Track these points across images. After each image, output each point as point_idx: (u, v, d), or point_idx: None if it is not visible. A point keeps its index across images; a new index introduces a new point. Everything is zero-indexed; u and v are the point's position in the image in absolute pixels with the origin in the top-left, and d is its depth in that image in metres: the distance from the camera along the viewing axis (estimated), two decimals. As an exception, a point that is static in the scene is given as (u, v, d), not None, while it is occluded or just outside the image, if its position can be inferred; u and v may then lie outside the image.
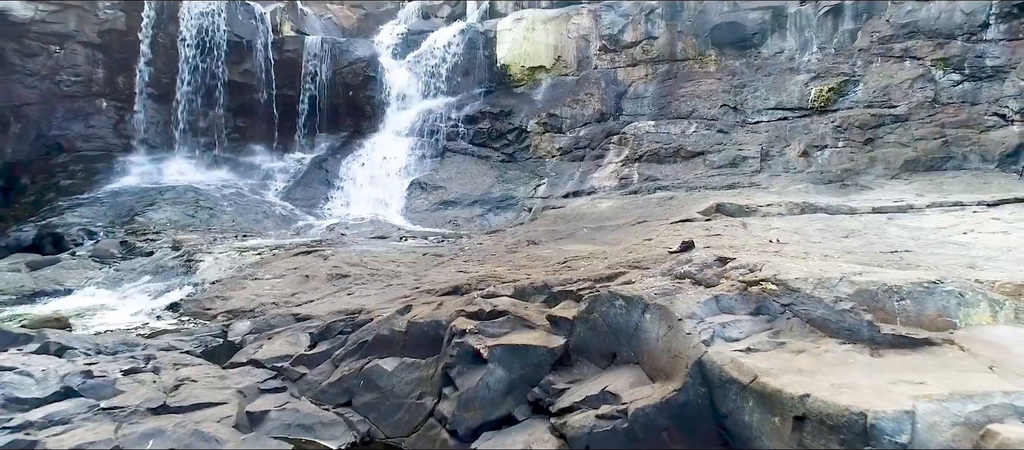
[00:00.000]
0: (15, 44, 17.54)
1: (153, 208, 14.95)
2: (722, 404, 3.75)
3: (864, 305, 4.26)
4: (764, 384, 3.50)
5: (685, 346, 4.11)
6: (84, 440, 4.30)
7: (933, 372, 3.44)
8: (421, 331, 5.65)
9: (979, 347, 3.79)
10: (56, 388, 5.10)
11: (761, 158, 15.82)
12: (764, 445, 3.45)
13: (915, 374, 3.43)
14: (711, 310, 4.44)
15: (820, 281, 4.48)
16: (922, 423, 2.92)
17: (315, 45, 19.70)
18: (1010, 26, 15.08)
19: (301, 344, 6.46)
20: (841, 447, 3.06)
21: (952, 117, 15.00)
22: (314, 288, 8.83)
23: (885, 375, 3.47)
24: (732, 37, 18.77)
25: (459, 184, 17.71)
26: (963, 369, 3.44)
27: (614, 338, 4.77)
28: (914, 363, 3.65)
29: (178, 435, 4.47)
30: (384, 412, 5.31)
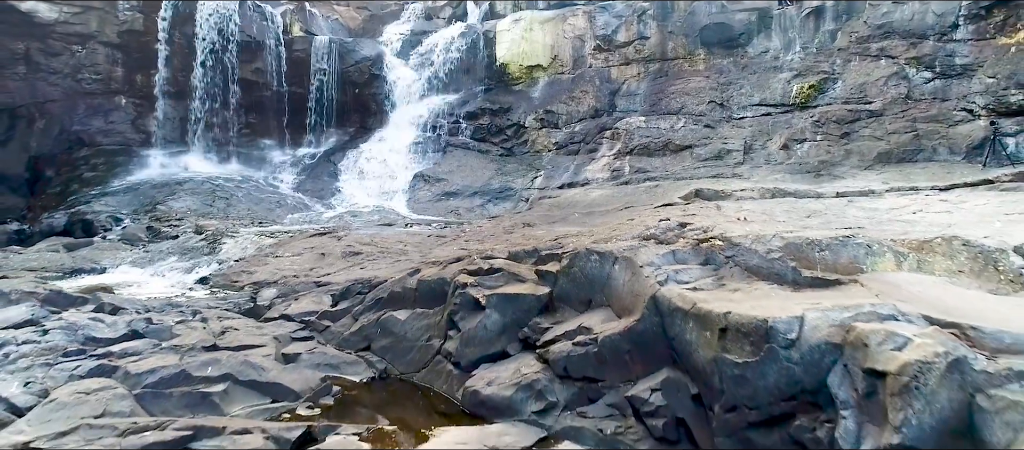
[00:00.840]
0: (40, 44, 18.53)
1: (173, 198, 15.93)
2: (670, 328, 4.74)
3: (790, 255, 5.25)
4: (700, 308, 4.49)
5: (644, 286, 5.10)
6: (156, 365, 5.29)
7: (830, 299, 4.42)
8: (429, 287, 6.64)
9: (876, 285, 4.77)
10: (124, 331, 6.09)
11: (744, 151, 16.80)
12: (699, 354, 4.44)
13: (816, 300, 4.41)
14: (668, 260, 5.43)
15: (757, 238, 5.46)
16: (807, 325, 3.91)
17: (323, 45, 20.68)
18: (977, 27, 16.05)
19: (324, 303, 7.45)
20: (751, 347, 4.05)
21: (923, 112, 15.97)
22: (330, 263, 9.80)
23: (794, 301, 4.45)
24: (720, 37, 19.74)
25: (460, 176, 18.68)
26: (853, 296, 4.42)
27: (590, 286, 5.75)
28: (820, 295, 4.64)
29: (231, 364, 5.46)
30: (398, 353, 6.30)
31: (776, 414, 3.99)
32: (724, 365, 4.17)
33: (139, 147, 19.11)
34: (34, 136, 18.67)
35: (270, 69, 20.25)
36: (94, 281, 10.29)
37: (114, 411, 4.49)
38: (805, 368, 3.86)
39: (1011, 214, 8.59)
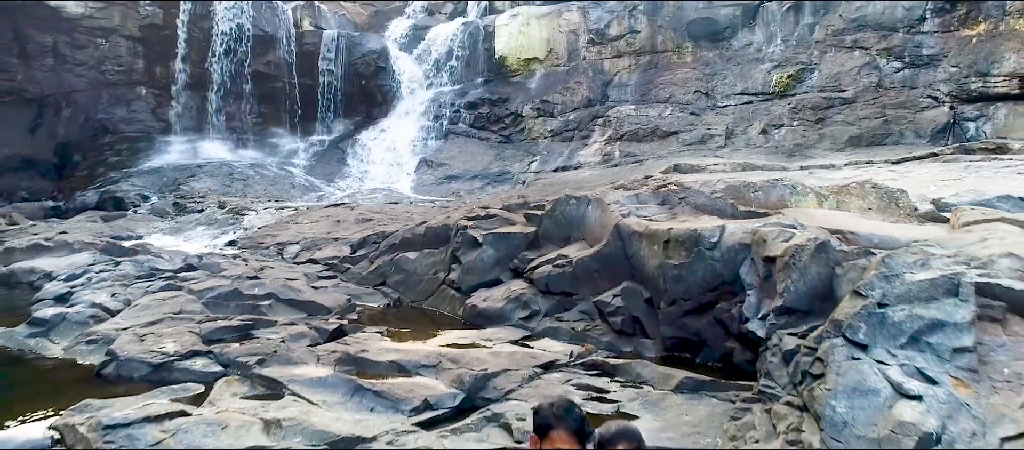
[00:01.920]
0: (66, 38, 19.73)
1: (194, 179, 17.14)
2: (629, 248, 5.93)
3: (730, 195, 6.44)
4: (651, 228, 5.69)
5: (610, 219, 6.30)
6: (213, 285, 6.49)
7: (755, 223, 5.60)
8: (435, 232, 7.84)
9: (794, 215, 5.95)
10: (181, 264, 7.30)
11: (726, 136, 17.99)
12: (649, 264, 5.63)
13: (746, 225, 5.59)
14: (631, 201, 6.62)
15: (705, 182, 6.66)
16: (727, 232, 5.11)
17: (331, 39, 21.87)
18: (943, 20, 17.22)
19: (344, 251, 8.66)
20: (685, 252, 5.24)
21: (892, 100, 17.14)
22: (346, 227, 10.99)
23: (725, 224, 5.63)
24: (706, 31, 20.90)
25: (461, 161, 19.89)
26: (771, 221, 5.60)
27: (568, 225, 6.95)
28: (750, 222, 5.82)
29: (273, 286, 6.66)
30: (409, 285, 7.50)
31: (704, 302, 5.20)
32: (666, 268, 5.37)
33: (159, 134, 20.31)
34: (61, 124, 19.87)
35: (282, 62, 21.46)
36: (134, 246, 11.49)
37: (188, 310, 5.69)
38: (724, 264, 5.06)
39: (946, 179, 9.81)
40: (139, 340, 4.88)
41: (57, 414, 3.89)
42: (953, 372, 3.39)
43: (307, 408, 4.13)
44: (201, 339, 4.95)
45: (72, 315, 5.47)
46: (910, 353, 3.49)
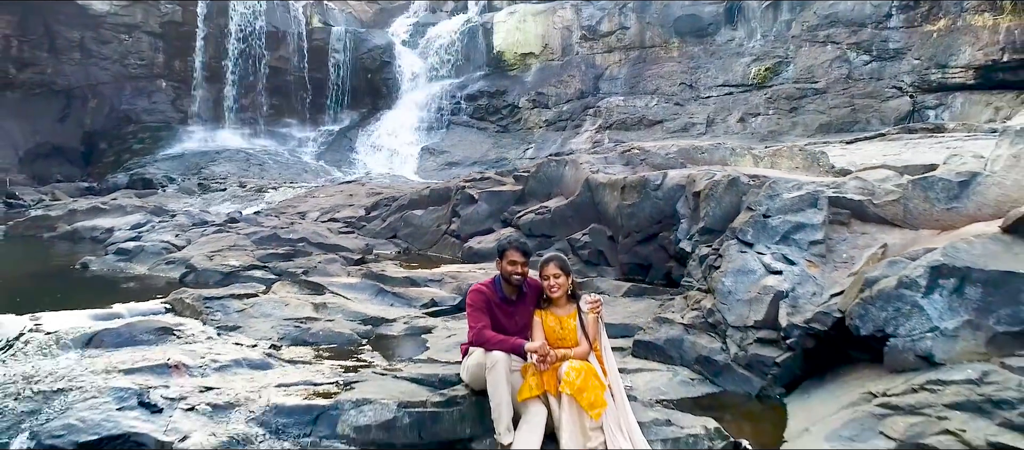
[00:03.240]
0: (93, 33, 21.13)
1: (214, 164, 18.54)
2: (596, 196, 7.32)
3: (682, 156, 7.83)
4: (612, 179, 7.08)
5: (582, 174, 7.69)
6: (255, 229, 7.88)
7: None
8: (438, 193, 9.24)
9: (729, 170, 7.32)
10: (224, 219, 8.69)
11: (707, 124, 19.37)
12: (610, 207, 7.02)
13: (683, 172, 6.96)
14: (600, 161, 8.02)
15: (662, 146, 8.05)
16: (668, 178, 6.50)
17: (339, 35, 23.27)
18: (907, 16, 18.58)
19: (360, 212, 10.05)
20: (636, 195, 6.63)
21: (861, 90, 18.51)
22: (358, 198, 12.38)
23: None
24: (692, 27, 22.26)
25: (461, 149, 21.27)
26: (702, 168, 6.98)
27: (549, 183, 8.35)
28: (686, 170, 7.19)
29: (305, 232, 8.06)
30: (416, 236, 8.90)
31: (650, 233, 6.59)
32: (623, 208, 6.76)
33: (178, 124, 21.71)
34: (88, 114, 21.27)
35: (293, 56, 22.85)
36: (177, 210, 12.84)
37: (240, 244, 7.09)
38: (665, 201, 6.45)
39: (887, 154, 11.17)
40: (208, 259, 6.27)
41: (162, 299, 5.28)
42: (807, 257, 4.77)
43: (343, 301, 5.53)
44: (256, 259, 6.35)
45: (148, 247, 6.83)
46: (780, 246, 4.88)
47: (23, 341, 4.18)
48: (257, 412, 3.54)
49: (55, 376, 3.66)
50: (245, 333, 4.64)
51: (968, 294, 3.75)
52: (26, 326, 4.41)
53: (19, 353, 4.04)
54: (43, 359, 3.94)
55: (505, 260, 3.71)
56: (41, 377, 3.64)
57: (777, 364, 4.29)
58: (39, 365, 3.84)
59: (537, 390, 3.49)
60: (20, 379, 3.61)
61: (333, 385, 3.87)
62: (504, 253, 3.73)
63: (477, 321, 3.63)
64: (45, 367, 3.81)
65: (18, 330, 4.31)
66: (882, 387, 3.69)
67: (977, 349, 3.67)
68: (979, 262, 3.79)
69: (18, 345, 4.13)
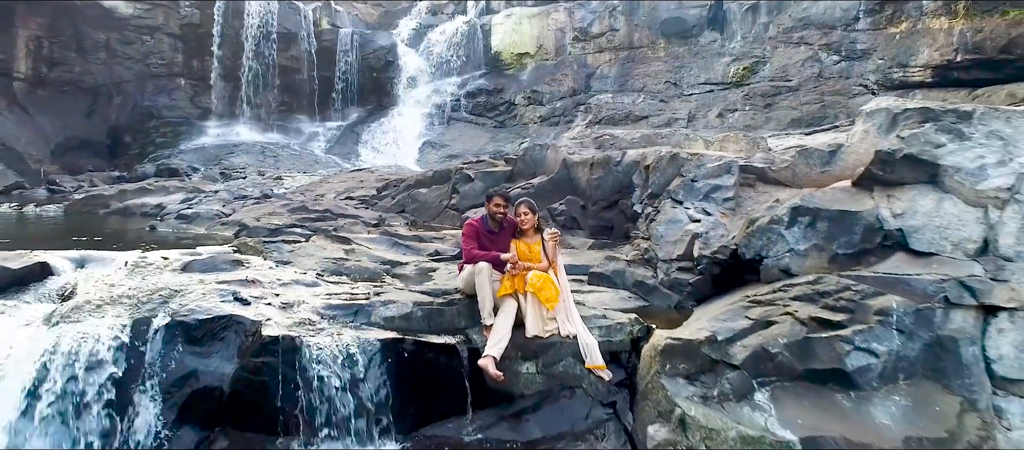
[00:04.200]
0: (118, 35, 22.65)
1: (232, 156, 20.06)
2: (571, 173, 8.85)
3: (645, 141, 9.36)
4: (583, 158, 8.62)
5: (560, 155, 9.22)
6: (288, 201, 9.42)
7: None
8: (440, 174, 10.77)
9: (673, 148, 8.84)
10: (262, 193, 10.22)
11: (688, 119, 20.88)
12: (582, 181, 8.54)
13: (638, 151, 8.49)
14: (577, 145, 9.56)
15: (629, 133, 9.59)
16: (626, 156, 8.02)
17: (346, 36, 24.78)
18: (874, 19, 20.09)
19: (372, 192, 11.57)
20: (602, 170, 8.16)
21: (830, 88, 20.02)
22: (368, 184, 13.89)
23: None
24: (677, 29, 23.77)
25: (461, 143, 22.78)
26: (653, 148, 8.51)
27: (535, 164, 9.88)
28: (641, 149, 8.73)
29: (330, 204, 9.59)
30: (422, 211, 10.43)
31: (612, 201, 8.12)
32: (591, 181, 8.30)
33: (197, 119, 23.22)
34: (113, 110, 22.78)
35: (303, 56, 24.36)
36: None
37: (277, 211, 8.63)
38: (624, 175, 7.98)
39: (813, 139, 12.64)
40: (256, 220, 7.81)
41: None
42: (721, 209, 6.30)
43: (367, 249, 7.06)
44: (293, 221, 7.88)
45: (203, 213, 8.34)
46: (702, 202, 6.41)
47: (138, 267, 5.71)
48: (315, 308, 5.08)
49: (171, 285, 5.19)
50: (296, 266, 6.18)
51: (818, 227, 5.30)
52: (134, 258, 5.93)
53: (137, 274, 5.57)
54: (158, 276, 5.47)
55: (491, 203, 5.27)
56: (162, 286, 5.17)
57: (691, 284, 5.84)
58: (157, 279, 5.37)
59: (510, 290, 5.03)
60: (149, 286, 5.14)
61: (366, 295, 5.41)
62: (491, 198, 5.29)
63: (469, 244, 5.17)
64: (162, 280, 5.34)
65: (132, 260, 5.83)
66: (754, 292, 5.23)
67: (822, 265, 5.22)
68: (827, 205, 5.34)
69: (136, 269, 5.66)
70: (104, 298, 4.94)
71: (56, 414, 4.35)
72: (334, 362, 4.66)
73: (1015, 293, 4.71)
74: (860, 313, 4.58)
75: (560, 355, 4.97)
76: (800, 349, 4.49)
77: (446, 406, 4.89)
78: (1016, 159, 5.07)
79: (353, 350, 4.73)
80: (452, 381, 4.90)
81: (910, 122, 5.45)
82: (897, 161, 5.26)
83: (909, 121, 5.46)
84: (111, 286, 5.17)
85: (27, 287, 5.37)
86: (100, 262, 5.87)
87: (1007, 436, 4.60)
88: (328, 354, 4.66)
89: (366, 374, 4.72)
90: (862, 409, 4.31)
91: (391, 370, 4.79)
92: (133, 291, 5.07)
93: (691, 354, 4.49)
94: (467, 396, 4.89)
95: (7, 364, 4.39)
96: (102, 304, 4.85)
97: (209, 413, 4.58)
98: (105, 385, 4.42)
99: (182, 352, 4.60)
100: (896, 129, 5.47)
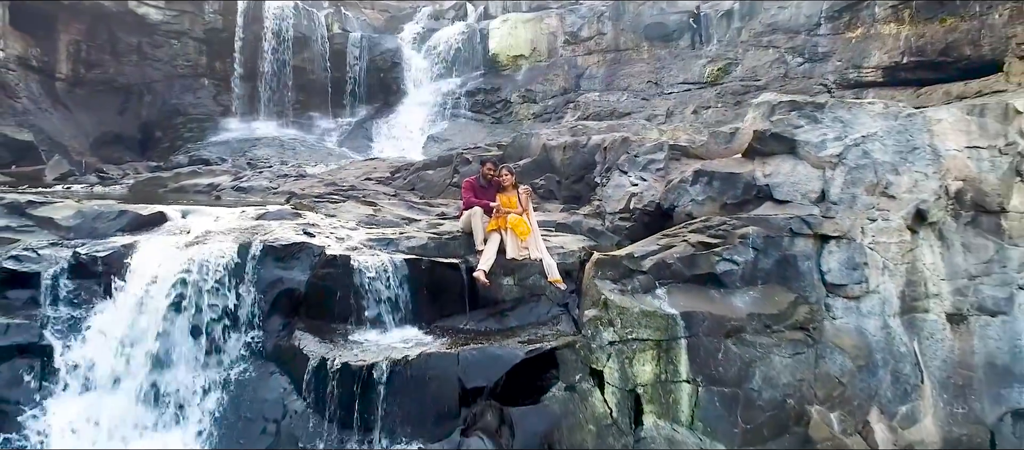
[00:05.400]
0: (148, 39, 24.85)
1: (255, 148, 22.27)
2: (549, 155, 11.07)
3: (608, 129, 11.56)
4: (558, 142, 10.83)
5: (541, 142, 11.44)
6: (321, 178, 11.63)
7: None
8: (444, 159, 13.00)
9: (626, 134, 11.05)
10: (297, 173, 12.43)
11: (666, 116, 23.03)
12: (558, 162, 10.75)
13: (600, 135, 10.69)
14: (555, 133, 11.75)
15: (598, 124, 11.80)
16: (590, 140, 10.23)
17: (356, 40, 26.97)
18: (833, 25, 22.26)
19: (386, 175, 13.78)
20: (572, 151, 10.37)
21: (794, 87, 22.12)
22: (381, 169, 16.08)
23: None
24: (659, 33, 25.93)
25: (461, 137, 24.94)
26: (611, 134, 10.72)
27: (522, 149, 12.10)
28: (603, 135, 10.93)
29: (353, 182, 11.79)
30: (429, 188, 12.64)
31: (580, 176, 10.32)
32: (564, 161, 10.52)
33: (219, 116, 25.39)
34: (143, 107, 24.96)
35: (316, 58, 26.55)
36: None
37: (316, 185, 10.83)
38: (589, 155, 10.18)
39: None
40: (300, 190, 10.00)
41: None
42: (654, 177, 8.49)
43: (390, 210, 9.26)
44: (329, 191, 10.08)
45: (256, 186, 10.49)
46: (640, 172, 8.61)
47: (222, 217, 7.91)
48: (360, 240, 7.29)
49: (254, 225, 7.39)
50: (339, 219, 8.39)
51: (713, 185, 7.51)
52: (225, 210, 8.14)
53: (223, 220, 7.77)
54: (241, 221, 7.68)
55: (484, 167, 7.51)
56: (247, 226, 7.38)
57: (627, 229, 8.05)
58: (239, 223, 7.58)
59: (495, 226, 7.25)
60: (243, 226, 7.35)
61: (394, 233, 7.62)
62: (483, 164, 7.52)
63: (467, 194, 7.39)
64: (245, 223, 7.55)
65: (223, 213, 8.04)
66: (667, 230, 7.44)
67: (714, 211, 7.43)
68: (720, 168, 7.55)
69: (221, 218, 7.86)
70: (214, 233, 7.16)
71: (191, 305, 6.55)
72: (374, 273, 6.86)
73: (839, 226, 6.92)
74: (730, 238, 6.78)
75: (530, 272, 7.18)
76: (688, 261, 6.69)
77: (451, 306, 7.11)
78: (849, 136, 7.28)
79: (387, 266, 6.93)
80: (455, 289, 7.11)
81: (782, 110, 7.65)
82: (768, 138, 7.46)
83: (782, 110, 7.66)
84: (216, 222, 7.38)
85: (154, 227, 7.58)
86: (198, 213, 8.09)
87: (832, 323, 6.82)
88: (370, 268, 6.86)
89: (395, 282, 6.93)
90: (726, 299, 6.52)
91: (412, 280, 7.00)
92: (233, 228, 7.28)
93: (615, 265, 6.69)
94: (465, 299, 7.10)
95: (159, 271, 6.59)
96: (214, 236, 7.07)
97: (290, 307, 6.79)
98: (222, 288, 6.63)
99: (271, 266, 6.80)
100: (772, 116, 7.67)
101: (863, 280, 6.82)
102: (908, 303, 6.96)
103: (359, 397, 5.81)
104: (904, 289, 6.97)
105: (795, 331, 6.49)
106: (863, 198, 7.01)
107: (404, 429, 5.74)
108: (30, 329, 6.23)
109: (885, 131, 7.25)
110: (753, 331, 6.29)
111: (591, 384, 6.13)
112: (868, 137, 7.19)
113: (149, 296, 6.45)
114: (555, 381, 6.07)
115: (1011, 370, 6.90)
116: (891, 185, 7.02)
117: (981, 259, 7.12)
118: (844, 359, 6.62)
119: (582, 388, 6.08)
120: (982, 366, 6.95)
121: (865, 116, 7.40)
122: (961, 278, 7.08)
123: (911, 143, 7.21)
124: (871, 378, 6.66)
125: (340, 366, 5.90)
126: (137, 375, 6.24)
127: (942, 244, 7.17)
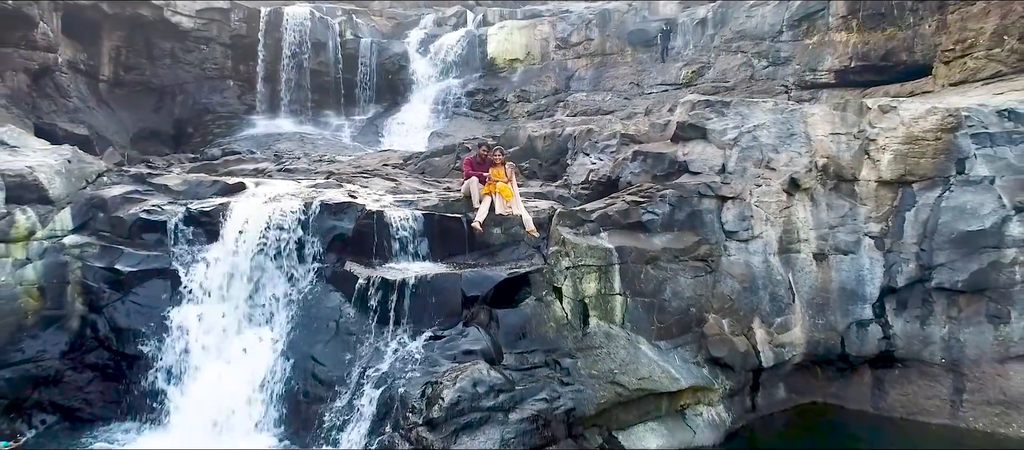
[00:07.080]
0: (180, 44, 27.61)
1: (278, 142, 25.00)
2: (533, 143, 13.82)
3: (584, 122, 14.31)
4: (541, 133, 13.59)
5: (527, 133, 14.20)
6: (346, 163, 14.39)
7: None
8: (448, 148, 15.76)
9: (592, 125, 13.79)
10: (326, 159, 15.19)
11: (644, 113, 25.74)
12: (541, 149, 13.49)
13: (574, 127, 13.42)
14: (536, 125, 14.50)
15: (574, 120, 14.56)
16: (565, 130, 12.97)
17: (366, 45, 29.72)
18: (794, 32, 24.98)
19: (399, 162, 16.54)
20: (551, 139, 13.11)
21: (759, 88, 24.84)
22: (395, 159, 18.82)
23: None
24: (641, 39, 28.65)
25: (462, 133, 27.61)
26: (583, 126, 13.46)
27: (512, 139, 14.87)
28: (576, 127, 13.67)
29: (371, 167, 14.55)
30: (435, 172, 15.38)
31: (556, 159, 13.06)
32: (544, 148, 13.29)
33: (244, 114, 28.13)
34: (176, 106, 27.71)
35: (330, 61, 29.30)
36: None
37: (345, 168, 13.59)
38: (563, 142, 12.93)
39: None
40: (336, 171, 12.73)
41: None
42: (608, 158, 11.21)
43: (408, 185, 12.00)
44: (357, 171, 12.82)
45: (299, 167, 13.26)
46: (599, 153, 11.35)
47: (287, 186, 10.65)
48: (390, 201, 10.05)
49: (311, 191, 10.13)
50: (371, 189, 11.13)
51: (647, 161, 10.27)
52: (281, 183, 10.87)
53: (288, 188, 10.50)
54: (300, 189, 10.41)
55: (480, 148, 10.34)
56: (306, 192, 10.11)
57: (586, 196, 10.77)
58: (299, 190, 10.32)
59: (487, 191, 10.00)
60: (303, 191, 10.10)
61: (413, 197, 10.36)
62: (480, 145, 10.28)
63: (467, 168, 10.14)
64: (304, 190, 10.28)
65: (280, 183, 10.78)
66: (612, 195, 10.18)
67: (647, 181, 10.18)
68: (652, 150, 10.31)
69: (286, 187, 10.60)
70: (283, 194, 9.91)
71: (273, 248, 9.28)
72: (400, 223, 9.60)
73: (734, 190, 9.66)
74: (653, 198, 9.51)
75: (513, 224, 9.91)
76: (623, 213, 9.42)
77: (455, 247, 9.84)
78: (744, 125, 10.02)
79: (409, 218, 9.67)
80: (458, 235, 9.85)
81: (699, 107, 10.39)
82: (687, 127, 10.20)
83: (699, 106, 10.40)
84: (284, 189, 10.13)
85: (238, 193, 10.31)
86: (266, 184, 10.83)
87: (727, 258, 9.56)
88: (397, 219, 9.60)
89: (416, 230, 9.67)
90: (648, 240, 9.27)
91: (427, 228, 9.73)
92: (296, 192, 10.03)
93: (573, 217, 9.42)
94: (466, 242, 9.84)
95: (250, 222, 9.33)
96: (284, 198, 9.81)
97: (342, 246, 9.52)
98: (293, 233, 9.37)
99: (327, 218, 9.54)
100: (692, 111, 10.41)
101: (750, 228, 9.56)
102: (784, 245, 9.69)
103: (393, 302, 8.54)
104: (782, 235, 9.71)
105: (698, 261, 9.24)
106: (752, 170, 9.76)
107: (423, 322, 8.48)
108: (162, 259, 8.98)
109: (772, 122, 9.99)
110: (666, 260, 9.03)
111: (553, 296, 8.86)
112: (758, 126, 9.94)
113: (243, 239, 9.20)
114: (528, 294, 8.80)
115: (856, 293, 9.64)
116: (772, 160, 9.76)
117: (839, 214, 9.85)
118: (734, 283, 9.36)
119: (547, 299, 8.81)
120: (836, 290, 9.69)
121: (759, 111, 10.14)
122: (824, 228, 9.82)
123: (790, 131, 9.95)
124: (754, 297, 9.40)
125: (379, 280, 8.64)
126: (238, 293, 8.99)
127: (812, 203, 9.91)
